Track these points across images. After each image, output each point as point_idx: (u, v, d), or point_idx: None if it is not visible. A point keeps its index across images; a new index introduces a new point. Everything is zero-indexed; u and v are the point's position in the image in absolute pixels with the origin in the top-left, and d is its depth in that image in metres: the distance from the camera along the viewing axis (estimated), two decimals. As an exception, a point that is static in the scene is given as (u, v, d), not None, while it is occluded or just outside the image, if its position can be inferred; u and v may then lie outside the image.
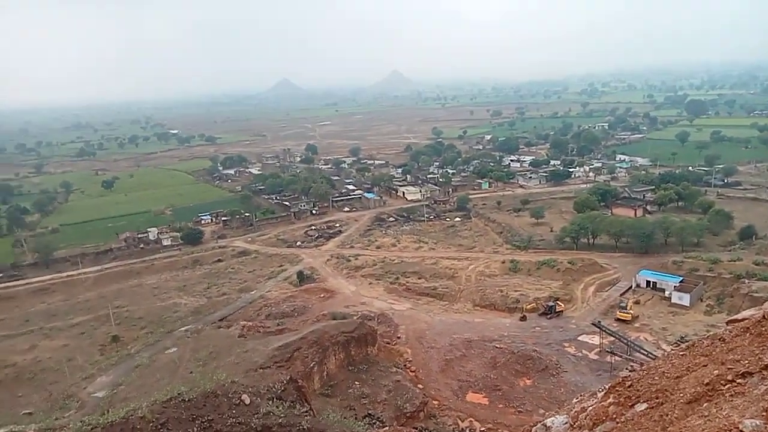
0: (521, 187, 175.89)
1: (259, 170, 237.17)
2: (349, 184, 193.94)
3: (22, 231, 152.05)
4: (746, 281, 79.99)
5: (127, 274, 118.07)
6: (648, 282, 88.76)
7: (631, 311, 77.85)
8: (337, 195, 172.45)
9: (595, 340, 71.54)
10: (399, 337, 78.70)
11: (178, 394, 41.12)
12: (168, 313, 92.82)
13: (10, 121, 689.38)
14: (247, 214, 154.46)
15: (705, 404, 6.00)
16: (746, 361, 5.86)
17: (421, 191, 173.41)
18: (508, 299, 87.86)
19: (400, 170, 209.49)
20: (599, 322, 72.84)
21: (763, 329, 6.38)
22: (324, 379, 64.70)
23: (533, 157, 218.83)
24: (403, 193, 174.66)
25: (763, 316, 6.64)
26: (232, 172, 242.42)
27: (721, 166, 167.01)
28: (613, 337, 69.32)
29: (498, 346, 72.81)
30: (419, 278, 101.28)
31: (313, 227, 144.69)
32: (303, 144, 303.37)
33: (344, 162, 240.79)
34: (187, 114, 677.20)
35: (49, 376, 72.69)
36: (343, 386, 64.21)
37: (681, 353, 7.52)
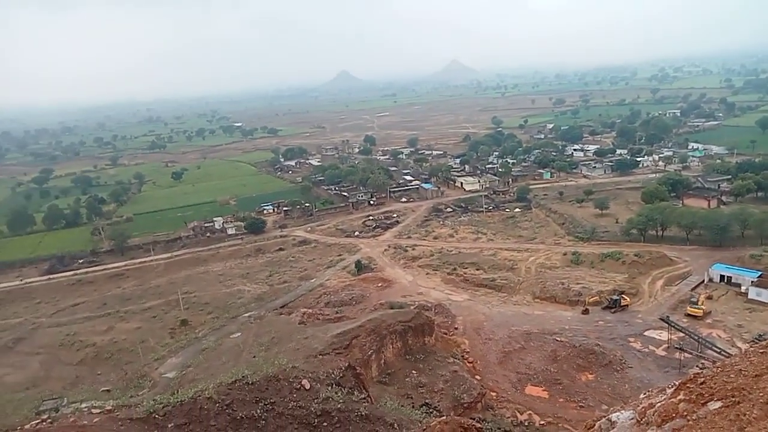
0: (585, 177, 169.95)
1: (318, 161, 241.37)
2: (406, 174, 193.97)
3: (99, 220, 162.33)
4: (834, 277, 74.03)
5: (195, 261, 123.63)
6: (722, 276, 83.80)
7: (702, 307, 73.81)
8: (394, 186, 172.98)
9: (663, 335, 68.42)
10: (456, 328, 78.33)
11: (243, 377, 42.92)
12: (232, 299, 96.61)
13: (91, 116, 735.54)
14: (307, 205, 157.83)
15: (786, 405, 5.65)
16: None
17: (479, 181, 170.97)
18: (570, 292, 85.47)
19: (458, 160, 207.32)
20: (668, 317, 69.59)
21: None
22: (381, 367, 65.45)
23: (598, 146, 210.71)
24: (461, 183, 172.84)
25: None
26: (293, 163, 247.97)
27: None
28: (683, 333, 66.08)
29: (559, 339, 71.10)
30: (477, 269, 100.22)
31: (370, 217, 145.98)
32: (361, 135, 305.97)
33: (402, 153, 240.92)
34: (251, 108, 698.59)
35: (124, 356, 77.68)
36: (400, 375, 64.72)
37: (761, 351, 7.31)
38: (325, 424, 41.42)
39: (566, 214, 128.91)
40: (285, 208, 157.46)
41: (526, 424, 58.03)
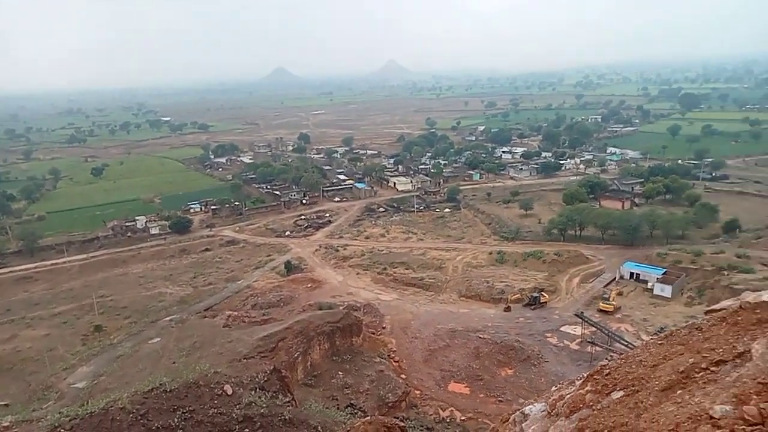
0: (512, 178, 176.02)
1: (250, 159, 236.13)
2: (340, 173, 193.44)
3: (6, 218, 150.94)
4: (727, 273, 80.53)
5: (113, 263, 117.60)
6: (632, 274, 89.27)
7: (613, 302, 78.32)
8: (328, 185, 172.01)
9: (577, 330, 72.01)
10: (384, 328, 78.89)
11: (160, 384, 40.92)
12: (153, 302, 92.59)
13: (2, 106, 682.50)
14: (236, 203, 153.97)
15: (679, 391, 6.11)
16: (721, 350, 6.02)
17: (412, 182, 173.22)
18: (494, 290, 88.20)
19: (392, 160, 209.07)
20: (582, 312, 73.28)
21: (739, 319, 6.52)
22: (308, 369, 64.85)
23: (525, 149, 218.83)
24: (394, 183, 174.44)
25: (740, 306, 6.78)
26: (223, 160, 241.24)
27: (710, 159, 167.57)
28: (595, 327, 69.78)
29: (481, 336, 73.14)
30: (407, 269, 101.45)
31: (302, 217, 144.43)
32: (296, 133, 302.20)
33: (336, 152, 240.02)
34: (180, 102, 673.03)
35: (28, 366, 72.28)
36: (327, 376, 64.42)
37: (659, 342, 7.64)
38: (247, 430, 40.36)
39: (493, 214, 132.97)
40: (213, 207, 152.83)
41: (448, 420, 59.32)
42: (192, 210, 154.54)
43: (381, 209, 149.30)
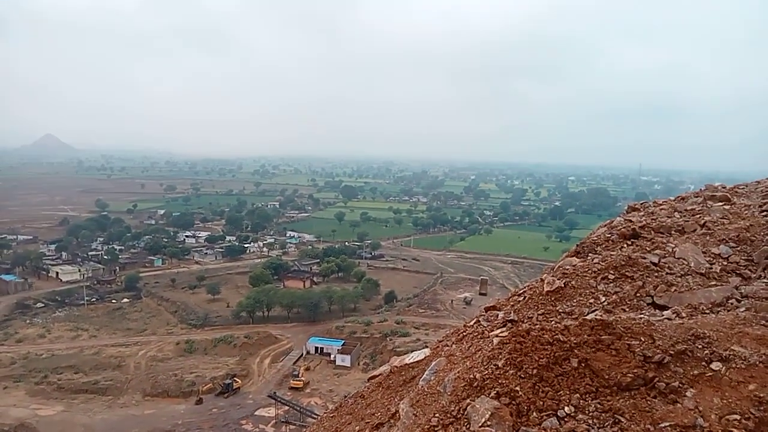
0: (197, 263, 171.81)
1: None
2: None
3: None
4: (390, 338, 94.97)
5: None
6: (317, 348, 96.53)
7: (302, 378, 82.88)
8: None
9: (272, 412, 73.29)
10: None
11: None
12: None
13: None
14: None
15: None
16: (379, 414, 6.29)
17: (80, 270, 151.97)
18: (183, 383, 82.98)
19: (53, 247, 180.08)
20: (274, 393, 75.22)
21: (391, 382, 7.02)
22: None
23: (209, 233, 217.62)
24: (57, 273, 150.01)
25: (391, 371, 7.31)
26: None
27: (369, 241, 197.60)
28: (287, 405, 72.30)
29: (172, 437, 67.41)
30: (76, 373, 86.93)
31: None
32: None
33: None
34: None
35: None
36: None
37: (331, 415, 7.88)
38: None
39: (179, 301, 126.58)
40: None
41: None
42: None
43: (39, 305, 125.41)
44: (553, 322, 5.60)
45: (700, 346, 4.48)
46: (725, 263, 6.59)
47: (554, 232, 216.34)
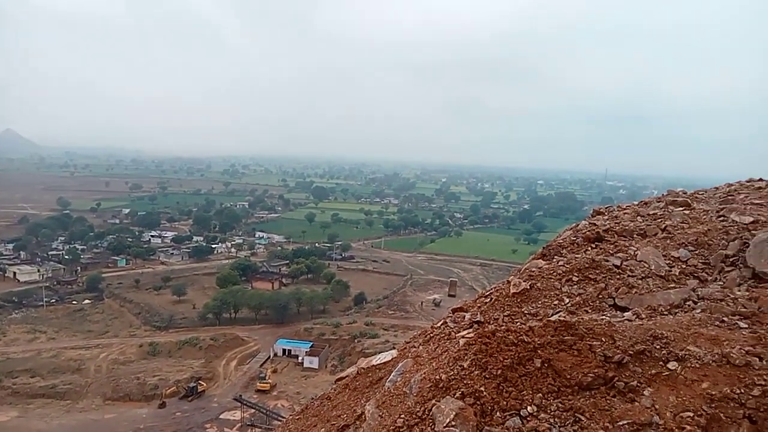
0: (163, 263, 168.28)
1: None
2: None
3: None
4: (359, 340, 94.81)
5: None
6: (284, 350, 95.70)
7: (269, 381, 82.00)
8: None
9: (237, 415, 72.31)
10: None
11: None
12: None
13: None
14: None
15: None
16: (345, 415, 6.25)
17: (39, 270, 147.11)
18: (146, 386, 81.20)
19: (10, 246, 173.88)
20: (240, 396, 74.25)
21: (357, 384, 6.97)
22: None
23: (176, 233, 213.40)
24: (15, 273, 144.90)
25: (358, 372, 7.25)
26: None
27: (340, 243, 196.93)
28: (253, 408, 71.42)
29: (133, 441, 65.80)
30: (32, 377, 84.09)
31: None
32: None
33: None
34: None
35: None
36: None
37: (297, 417, 7.78)
38: None
39: (143, 302, 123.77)
40: None
41: None
42: None
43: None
44: (518, 324, 5.66)
45: (657, 347, 4.60)
46: (684, 266, 6.77)
47: (522, 235, 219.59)
